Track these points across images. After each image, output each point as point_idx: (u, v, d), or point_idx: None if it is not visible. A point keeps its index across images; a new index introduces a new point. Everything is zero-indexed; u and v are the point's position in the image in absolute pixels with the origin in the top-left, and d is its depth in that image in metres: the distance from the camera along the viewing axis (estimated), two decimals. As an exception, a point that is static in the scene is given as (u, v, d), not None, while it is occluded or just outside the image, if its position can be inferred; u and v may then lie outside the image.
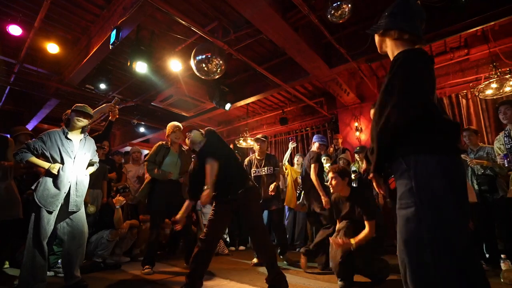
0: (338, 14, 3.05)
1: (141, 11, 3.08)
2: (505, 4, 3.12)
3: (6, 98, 5.94)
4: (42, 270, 2.12)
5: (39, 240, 2.10)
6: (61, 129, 2.37)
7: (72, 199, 2.25)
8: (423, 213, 0.97)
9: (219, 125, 8.30)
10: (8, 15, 3.59)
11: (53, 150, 2.25)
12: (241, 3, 2.99)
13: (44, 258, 2.13)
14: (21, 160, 2.15)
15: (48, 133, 2.29)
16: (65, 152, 2.28)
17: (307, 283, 2.44)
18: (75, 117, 2.36)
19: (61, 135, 2.32)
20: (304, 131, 6.94)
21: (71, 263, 2.24)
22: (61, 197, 2.20)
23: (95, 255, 3.07)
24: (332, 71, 4.45)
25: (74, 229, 2.28)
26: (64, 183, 2.22)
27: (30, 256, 2.07)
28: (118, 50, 4.49)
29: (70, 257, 2.25)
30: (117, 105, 2.93)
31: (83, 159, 2.40)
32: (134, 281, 2.56)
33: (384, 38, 1.29)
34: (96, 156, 2.59)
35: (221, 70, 3.72)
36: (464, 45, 4.58)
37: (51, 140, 2.26)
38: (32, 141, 2.23)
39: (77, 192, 2.30)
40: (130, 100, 6.05)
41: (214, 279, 2.59)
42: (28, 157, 2.16)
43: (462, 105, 4.76)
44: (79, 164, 2.36)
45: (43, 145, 2.23)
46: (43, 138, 2.25)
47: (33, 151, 2.19)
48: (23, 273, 2.06)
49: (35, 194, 2.15)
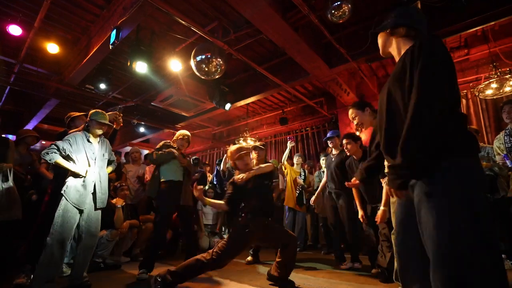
0: (338, 14, 3.05)
1: (141, 11, 3.08)
2: (505, 4, 3.12)
3: (6, 98, 5.95)
4: (57, 269, 2.17)
5: (62, 239, 2.16)
6: (82, 133, 2.48)
7: (99, 196, 2.40)
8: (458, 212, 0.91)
9: (219, 125, 8.31)
10: (8, 15, 3.59)
11: (79, 153, 2.37)
12: (241, 3, 2.99)
13: (61, 258, 2.20)
14: (50, 160, 2.21)
15: (74, 136, 2.40)
16: (89, 154, 2.42)
17: (307, 283, 2.44)
18: (96, 126, 2.49)
19: (84, 139, 2.44)
20: (304, 131, 6.94)
21: (85, 261, 2.33)
22: (89, 197, 2.36)
23: (95, 255, 3.06)
24: (332, 71, 4.45)
25: (91, 227, 2.36)
26: (90, 183, 2.37)
27: (49, 255, 2.10)
28: (118, 50, 4.50)
29: (85, 254, 2.33)
30: (121, 114, 2.98)
31: (103, 159, 2.56)
32: (134, 281, 2.55)
33: (390, 37, 1.27)
34: (113, 155, 2.75)
35: (221, 70, 3.72)
36: (464, 45, 4.58)
37: (77, 143, 2.38)
38: (60, 142, 2.30)
39: (102, 190, 2.45)
40: (130, 100, 6.05)
41: (214, 279, 2.59)
42: (57, 158, 2.23)
43: (462, 105, 4.76)
44: (100, 164, 2.51)
45: (70, 147, 2.32)
46: (70, 141, 2.35)
47: (61, 152, 2.26)
48: (38, 271, 2.08)
49: (66, 195, 2.23)
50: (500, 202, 2.94)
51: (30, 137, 3.15)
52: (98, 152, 2.51)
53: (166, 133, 7.93)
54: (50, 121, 6.99)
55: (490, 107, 4.47)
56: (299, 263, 3.24)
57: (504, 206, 2.88)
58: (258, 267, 3.10)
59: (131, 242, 3.61)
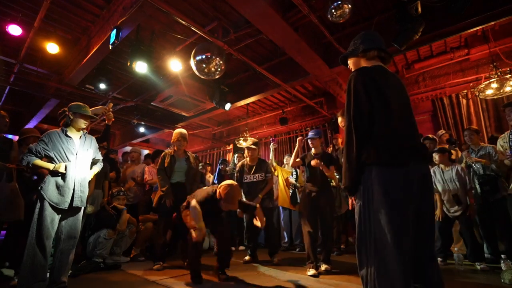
0: (338, 14, 3.05)
1: (141, 11, 3.08)
2: (505, 4, 3.12)
3: (6, 98, 5.95)
4: (43, 269, 2.11)
5: (41, 239, 2.10)
6: (60, 129, 2.39)
7: (77, 194, 2.28)
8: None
9: (219, 125, 8.31)
10: (8, 15, 3.60)
11: (56, 150, 2.28)
12: (241, 3, 2.99)
13: (45, 257, 2.12)
14: (27, 163, 2.17)
15: (48, 134, 2.31)
16: (68, 150, 2.32)
17: (307, 282, 2.44)
18: (79, 119, 2.39)
19: (61, 134, 2.34)
20: (304, 131, 6.93)
21: (62, 265, 2.21)
22: (69, 195, 2.24)
23: (95, 255, 3.07)
24: (332, 71, 4.45)
25: (72, 228, 2.28)
26: (70, 180, 2.26)
27: (31, 255, 2.06)
28: (118, 50, 4.50)
29: (63, 257, 2.22)
30: (111, 109, 2.95)
31: (85, 155, 2.43)
32: (134, 281, 2.55)
33: (359, 59, 1.47)
34: (99, 154, 2.61)
35: (221, 70, 3.71)
36: (464, 45, 4.58)
37: (52, 140, 2.29)
38: (33, 145, 2.25)
39: (81, 188, 2.33)
40: (130, 100, 6.05)
41: (215, 279, 2.59)
42: (33, 160, 2.18)
43: (462, 105, 4.76)
44: (82, 161, 2.38)
45: (45, 147, 2.25)
46: (44, 140, 2.27)
47: (36, 154, 2.21)
48: (22, 272, 2.05)
49: (44, 193, 2.16)
50: (501, 202, 2.94)
51: (33, 137, 3.15)
52: (79, 147, 2.38)
53: (166, 133, 7.93)
54: (50, 121, 6.97)
55: (490, 107, 4.46)
56: (299, 262, 3.24)
57: (505, 207, 2.87)
58: (259, 267, 3.10)
59: (130, 241, 3.61)
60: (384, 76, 1.31)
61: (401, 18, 3.09)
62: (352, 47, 1.50)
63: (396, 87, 1.33)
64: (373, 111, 1.24)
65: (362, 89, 1.26)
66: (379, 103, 1.25)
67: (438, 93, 5.03)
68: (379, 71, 1.33)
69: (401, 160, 1.21)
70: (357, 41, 1.48)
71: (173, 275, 2.73)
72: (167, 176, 3.16)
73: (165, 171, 3.17)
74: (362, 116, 1.24)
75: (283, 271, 2.92)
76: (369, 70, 1.33)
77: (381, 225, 1.15)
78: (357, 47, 1.46)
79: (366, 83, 1.26)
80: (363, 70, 1.33)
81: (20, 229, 2.79)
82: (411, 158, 1.23)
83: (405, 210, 1.17)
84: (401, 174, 1.19)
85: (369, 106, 1.24)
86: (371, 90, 1.25)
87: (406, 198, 1.18)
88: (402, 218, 1.15)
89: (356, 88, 1.27)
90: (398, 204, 1.16)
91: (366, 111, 1.24)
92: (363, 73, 1.30)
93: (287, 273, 2.83)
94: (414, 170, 1.21)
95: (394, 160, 1.21)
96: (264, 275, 2.73)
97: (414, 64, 5.13)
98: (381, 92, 1.26)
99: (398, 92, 1.32)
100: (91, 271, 2.89)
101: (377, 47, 1.41)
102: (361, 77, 1.28)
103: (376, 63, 1.41)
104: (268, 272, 2.87)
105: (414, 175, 1.21)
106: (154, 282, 2.50)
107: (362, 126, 1.24)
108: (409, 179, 1.19)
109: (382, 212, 1.15)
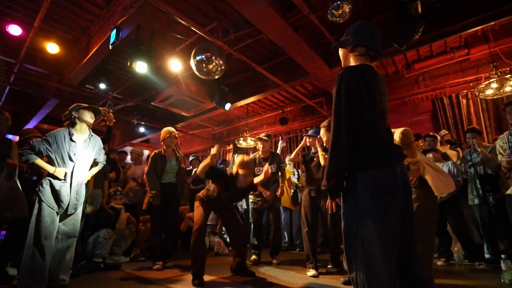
0: (338, 14, 3.05)
1: (141, 11, 3.08)
2: (505, 4, 3.12)
3: (6, 98, 5.95)
4: (41, 270, 2.09)
5: (39, 239, 2.08)
6: (66, 129, 2.33)
7: (72, 201, 2.24)
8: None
9: (219, 125, 8.30)
10: (8, 15, 3.60)
11: (58, 153, 2.23)
12: (241, 3, 2.99)
13: (43, 258, 2.09)
14: (26, 161, 2.14)
15: (54, 134, 2.25)
16: (69, 155, 2.26)
17: (307, 282, 2.44)
18: (85, 111, 2.33)
19: (66, 137, 2.28)
20: (304, 131, 6.92)
21: (60, 264, 2.20)
22: (65, 201, 2.21)
23: (94, 255, 3.07)
24: (332, 71, 4.45)
25: (69, 229, 2.27)
26: (67, 187, 2.23)
27: (29, 256, 2.05)
28: (118, 50, 4.50)
29: (60, 257, 2.21)
30: (111, 110, 2.94)
31: (86, 160, 2.38)
32: (134, 281, 2.55)
33: (347, 53, 1.43)
34: (102, 155, 2.56)
35: (221, 70, 3.71)
36: (464, 45, 4.57)
37: (56, 142, 2.23)
38: (36, 143, 2.18)
39: (77, 195, 2.29)
40: (130, 100, 6.05)
41: (214, 279, 2.59)
42: (33, 159, 2.14)
43: (462, 105, 4.76)
44: (81, 166, 2.33)
45: (48, 147, 2.20)
46: (48, 140, 2.21)
47: (38, 154, 2.16)
48: (21, 272, 2.04)
49: (42, 195, 2.13)
50: (502, 202, 2.93)
51: (34, 137, 3.14)
52: (81, 151, 2.32)
53: (166, 133, 7.92)
54: (50, 121, 6.97)
55: (490, 107, 4.46)
56: (299, 263, 3.24)
57: (504, 206, 2.87)
58: (259, 267, 3.10)
59: (130, 241, 3.61)
60: (373, 78, 1.30)
61: (401, 18, 3.09)
62: (344, 38, 1.45)
63: (381, 91, 1.32)
64: (364, 115, 1.24)
65: (355, 90, 1.24)
66: (369, 106, 1.24)
67: (438, 93, 5.03)
68: (369, 72, 1.30)
69: (391, 161, 1.24)
70: (350, 32, 1.43)
71: (173, 275, 2.73)
72: (157, 177, 3.14)
73: (156, 172, 3.14)
74: (353, 119, 1.23)
75: (283, 271, 2.92)
76: (359, 70, 1.30)
77: (369, 228, 1.15)
78: (348, 40, 1.42)
79: (359, 84, 1.25)
80: (355, 69, 1.30)
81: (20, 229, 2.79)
82: (397, 158, 1.29)
83: (394, 211, 1.18)
84: (392, 174, 1.21)
85: (361, 109, 1.23)
86: (364, 92, 1.24)
87: (397, 198, 1.20)
88: (391, 218, 1.17)
89: (349, 89, 1.24)
90: (388, 205, 1.17)
91: (358, 113, 1.23)
92: (355, 73, 1.28)
93: (287, 273, 2.83)
94: (400, 170, 1.25)
95: (384, 160, 1.22)
96: (265, 275, 2.74)
97: (414, 64, 5.13)
98: (371, 95, 1.25)
99: (383, 96, 1.33)
100: (91, 271, 2.89)
101: (365, 45, 1.37)
102: (354, 78, 1.26)
103: (365, 61, 1.38)
104: (269, 272, 2.87)
105: (402, 175, 1.25)
106: (154, 282, 2.50)
107: (352, 128, 1.22)
108: (398, 178, 1.22)
109: (370, 214, 1.16)
